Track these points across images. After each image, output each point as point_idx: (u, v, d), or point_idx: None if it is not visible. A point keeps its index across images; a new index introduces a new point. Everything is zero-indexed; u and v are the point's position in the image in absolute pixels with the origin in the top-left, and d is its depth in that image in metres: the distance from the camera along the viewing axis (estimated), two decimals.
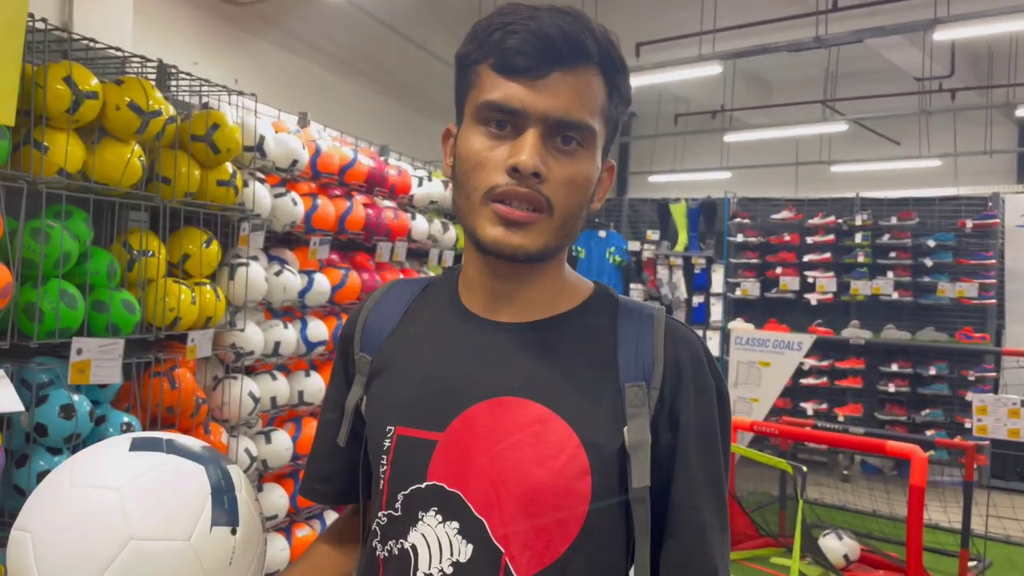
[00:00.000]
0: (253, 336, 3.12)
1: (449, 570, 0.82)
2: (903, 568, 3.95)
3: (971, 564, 4.46)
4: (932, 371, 6.30)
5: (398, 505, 0.86)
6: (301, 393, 3.47)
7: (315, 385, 3.54)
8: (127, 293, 2.51)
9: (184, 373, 2.76)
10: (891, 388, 6.47)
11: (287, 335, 3.33)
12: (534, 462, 0.82)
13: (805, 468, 3.43)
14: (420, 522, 0.84)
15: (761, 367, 4.75)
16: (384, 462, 0.88)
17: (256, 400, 3.13)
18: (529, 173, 0.81)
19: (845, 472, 6.48)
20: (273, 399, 3.27)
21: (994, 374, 6.12)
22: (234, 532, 0.80)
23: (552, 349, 0.87)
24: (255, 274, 3.10)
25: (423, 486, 0.85)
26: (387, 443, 0.88)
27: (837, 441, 4.20)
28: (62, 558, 0.74)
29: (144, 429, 2.57)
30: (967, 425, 5.72)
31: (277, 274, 3.28)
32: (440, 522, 0.83)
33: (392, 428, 0.88)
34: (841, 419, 6.36)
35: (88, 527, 0.75)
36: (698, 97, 10.38)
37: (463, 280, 0.94)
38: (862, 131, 10.14)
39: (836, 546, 4.27)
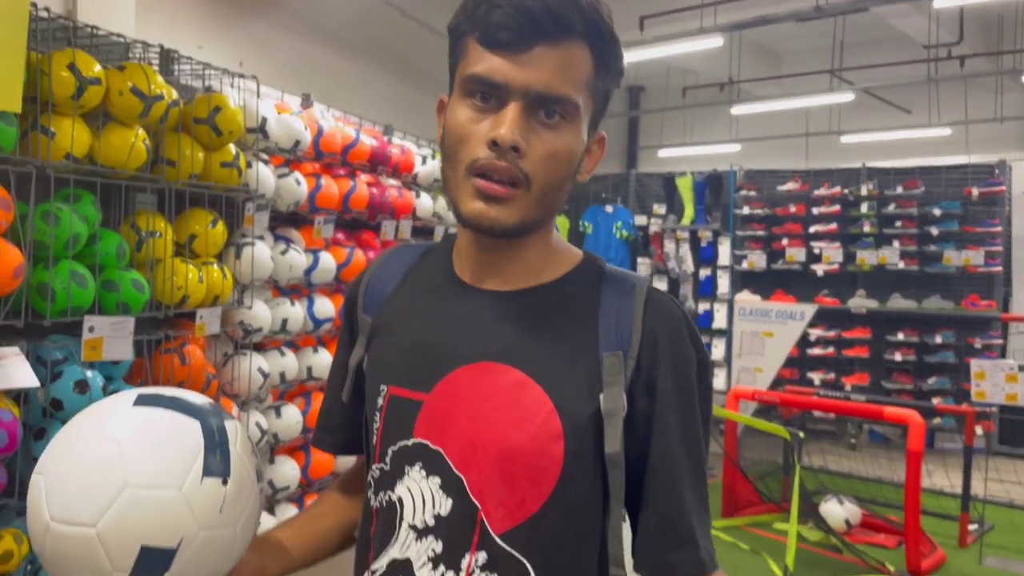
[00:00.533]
0: (261, 313, 3.20)
1: (431, 522, 0.87)
2: (902, 531, 4.03)
3: (972, 527, 4.52)
4: (938, 339, 6.32)
5: (388, 459, 0.92)
6: (310, 368, 3.56)
7: (323, 361, 3.63)
8: (136, 273, 2.59)
9: (194, 350, 2.85)
10: (897, 357, 6.50)
11: (294, 312, 3.41)
12: (510, 424, 0.86)
13: (802, 434, 3.49)
14: (406, 476, 0.90)
15: (764, 337, 4.80)
16: (377, 419, 0.94)
17: (265, 375, 3.22)
18: (508, 147, 0.82)
19: (852, 441, 6.53)
20: (282, 374, 3.37)
21: (1000, 341, 6.14)
22: (225, 482, 0.86)
23: (533, 317, 0.90)
24: (261, 253, 3.18)
25: (410, 443, 0.90)
26: (380, 401, 0.93)
27: (836, 408, 4.26)
28: (67, 500, 0.82)
29: None
30: None
31: (283, 253, 3.36)
32: (424, 476, 0.88)
33: (385, 387, 0.93)
34: (848, 388, 6.41)
35: (91, 473, 0.83)
36: (706, 69, 10.33)
37: (455, 249, 0.98)
38: (872, 100, 10.07)
39: (837, 511, 4.33)
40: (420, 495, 0.89)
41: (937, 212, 6.44)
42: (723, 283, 7.40)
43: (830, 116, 10.43)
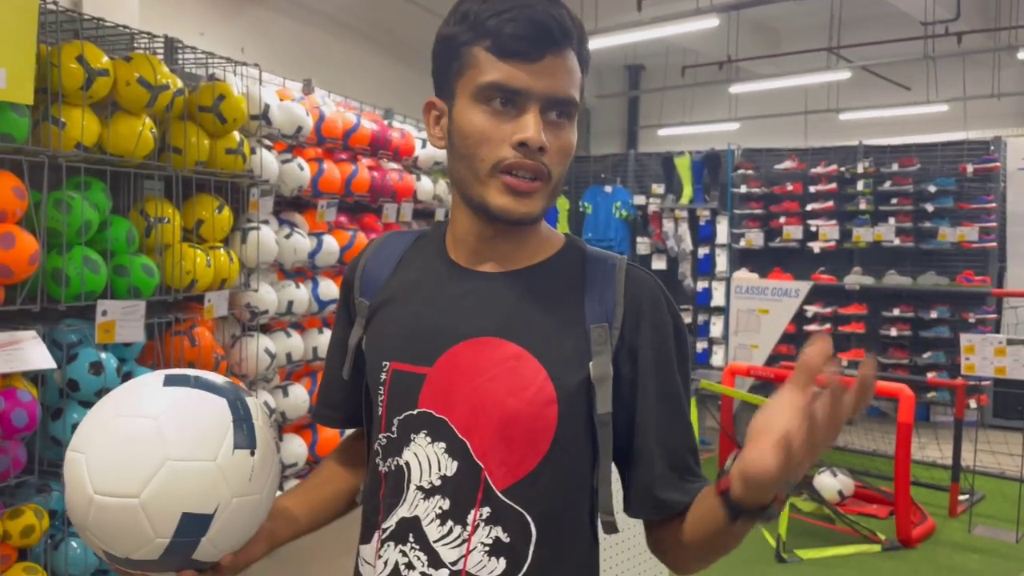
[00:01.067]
0: (267, 296, 3.29)
1: (437, 482, 0.96)
2: (894, 501, 4.13)
3: (963, 497, 4.63)
4: (933, 315, 6.39)
5: (394, 428, 1.01)
6: (315, 349, 3.66)
7: (328, 341, 3.72)
8: (146, 258, 2.68)
9: (203, 332, 2.94)
10: (893, 332, 6.58)
11: (299, 294, 3.50)
12: (508, 393, 0.95)
13: None
14: (412, 443, 0.99)
15: (760, 314, 4.88)
16: (382, 392, 1.03)
17: (272, 356, 3.32)
18: (536, 148, 0.92)
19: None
20: (288, 355, 3.46)
21: (995, 316, 6.21)
22: (252, 454, 0.96)
23: (526, 295, 1.00)
24: (266, 237, 3.26)
25: (415, 412, 0.99)
26: (383, 376, 1.02)
27: None
28: (111, 474, 0.90)
29: None
30: None
31: (287, 237, 3.45)
32: (429, 442, 0.97)
33: (388, 363, 1.02)
34: (844, 364, 6.50)
35: (132, 449, 0.91)
36: (705, 48, 10.32)
37: (451, 235, 1.06)
38: (871, 78, 10.07)
39: (830, 483, 4.44)
40: (426, 459, 0.98)
41: (932, 189, 6.49)
42: (721, 261, 7.46)
43: (828, 94, 10.44)
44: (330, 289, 3.71)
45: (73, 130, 2.38)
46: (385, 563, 1.00)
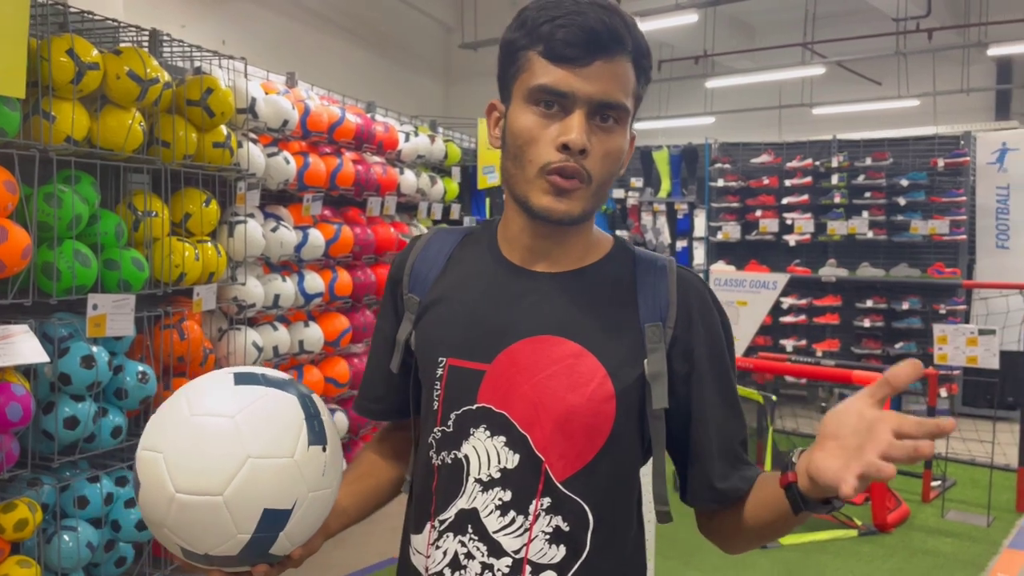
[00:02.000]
0: (254, 289, 3.30)
1: (497, 475, 1.01)
2: (869, 487, 4.24)
3: (935, 483, 4.76)
4: (905, 306, 6.53)
5: (451, 423, 1.04)
6: (301, 342, 3.67)
7: (314, 334, 3.74)
8: (135, 252, 2.68)
9: (192, 325, 2.95)
10: (866, 323, 6.71)
11: (286, 288, 3.51)
12: (568, 389, 0.99)
13: (774, 397, 3.66)
14: (472, 437, 1.02)
15: (739, 306, 4.96)
16: (438, 387, 1.05)
17: (260, 349, 3.32)
18: (578, 150, 0.95)
19: (823, 404, 6.76)
20: (275, 348, 3.47)
21: (964, 307, 6.36)
22: (324, 449, 0.98)
23: (582, 295, 1.04)
24: (253, 231, 3.27)
25: (474, 407, 1.02)
26: (440, 371, 1.05)
27: (807, 373, 4.44)
28: (193, 473, 0.92)
29: (158, 378, 2.77)
30: None
31: (273, 230, 3.45)
32: (489, 436, 1.01)
33: (444, 359, 1.05)
34: (819, 354, 6.62)
35: (213, 448, 0.92)
36: (681, 43, 10.42)
37: (503, 234, 1.09)
38: (843, 73, 10.23)
39: None
40: (485, 452, 1.02)
41: (904, 183, 6.63)
42: (699, 254, 7.56)
43: (802, 89, 10.59)
44: (316, 282, 3.72)
45: (63, 124, 2.37)
46: (444, 553, 1.03)
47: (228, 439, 0.93)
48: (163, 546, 0.98)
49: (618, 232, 8.04)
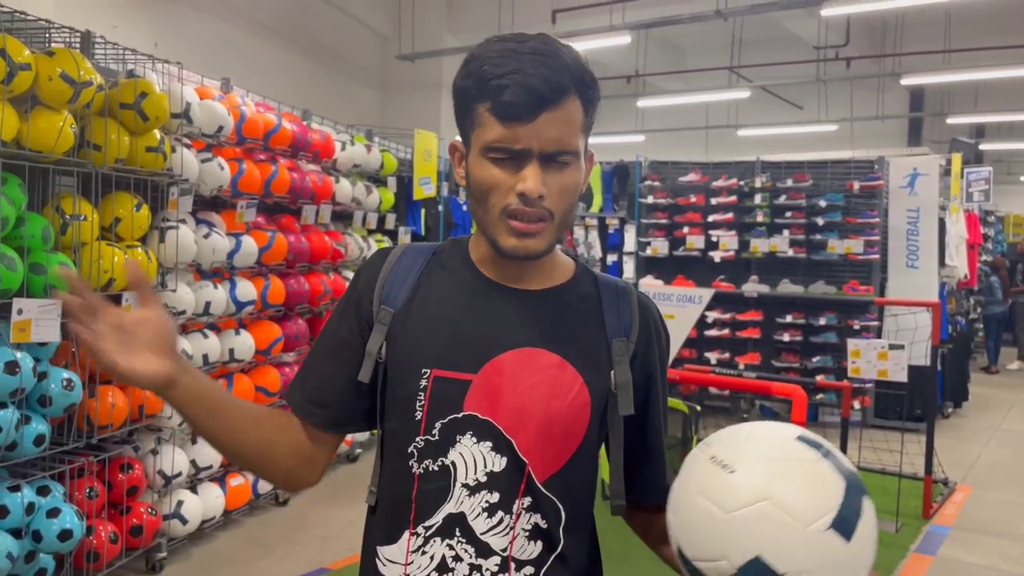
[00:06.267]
0: (184, 296, 3.26)
1: (483, 478, 1.06)
2: None
3: None
4: (822, 321, 6.83)
5: (435, 431, 1.08)
6: (232, 351, 3.63)
7: (245, 343, 3.70)
8: (63, 256, 2.63)
9: None
10: (786, 338, 6.98)
11: (217, 295, 3.47)
12: (551, 397, 1.07)
13: (699, 408, 3.79)
14: (458, 443, 1.07)
15: (667, 319, 5.09)
16: (421, 398, 1.08)
17: (189, 358, 3.28)
18: (535, 197, 1.02)
19: (745, 416, 6.99)
20: (205, 356, 3.43)
21: (877, 323, 6.68)
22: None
23: (559, 311, 1.12)
24: (184, 237, 3.23)
25: (460, 415, 1.07)
26: (423, 383, 1.08)
27: (731, 384, 4.60)
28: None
29: (83, 385, 2.71)
30: None
31: (206, 236, 3.42)
32: (476, 442, 1.07)
33: (428, 370, 1.08)
34: (741, 367, 6.85)
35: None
36: (614, 62, 10.66)
37: (476, 253, 1.15)
38: (768, 96, 10.63)
39: None
40: (472, 458, 1.07)
41: (823, 204, 6.93)
42: (628, 268, 7.73)
43: (728, 111, 10.96)
44: (248, 290, 3.69)
45: None
46: (431, 558, 1.08)
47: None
48: (85, 558, 0.91)
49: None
